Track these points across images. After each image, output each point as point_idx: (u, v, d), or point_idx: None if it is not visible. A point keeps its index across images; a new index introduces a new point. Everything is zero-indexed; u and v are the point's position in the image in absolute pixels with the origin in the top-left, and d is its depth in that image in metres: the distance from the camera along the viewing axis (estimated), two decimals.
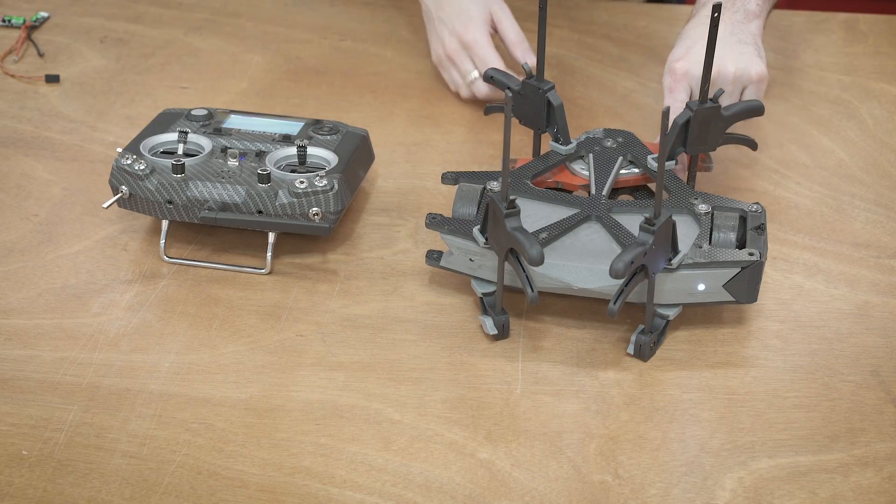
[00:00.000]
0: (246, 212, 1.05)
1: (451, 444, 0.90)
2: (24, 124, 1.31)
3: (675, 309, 0.98)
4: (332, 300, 1.04)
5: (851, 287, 1.07)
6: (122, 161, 1.07)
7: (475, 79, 1.32)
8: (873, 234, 1.14)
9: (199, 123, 1.15)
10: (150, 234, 1.12)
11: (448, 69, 1.35)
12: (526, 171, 1.07)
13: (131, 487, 0.85)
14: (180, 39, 1.50)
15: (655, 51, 1.49)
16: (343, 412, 0.92)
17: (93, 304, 1.03)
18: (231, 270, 1.08)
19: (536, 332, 1.01)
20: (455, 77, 1.35)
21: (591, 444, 0.90)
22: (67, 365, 0.96)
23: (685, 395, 0.95)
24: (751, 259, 0.96)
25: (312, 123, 1.16)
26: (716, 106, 1.05)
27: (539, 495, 0.85)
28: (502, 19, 1.32)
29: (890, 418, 0.93)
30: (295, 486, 0.86)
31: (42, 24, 1.52)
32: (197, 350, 0.98)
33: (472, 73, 1.32)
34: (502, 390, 0.95)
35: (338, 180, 1.06)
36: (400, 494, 0.85)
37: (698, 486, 0.86)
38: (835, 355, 0.99)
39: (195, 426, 0.90)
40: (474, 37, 1.30)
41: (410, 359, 0.98)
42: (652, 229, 0.90)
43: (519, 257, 0.94)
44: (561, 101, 1.09)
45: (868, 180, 1.23)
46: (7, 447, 0.88)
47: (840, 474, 0.87)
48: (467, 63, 1.32)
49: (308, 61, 1.44)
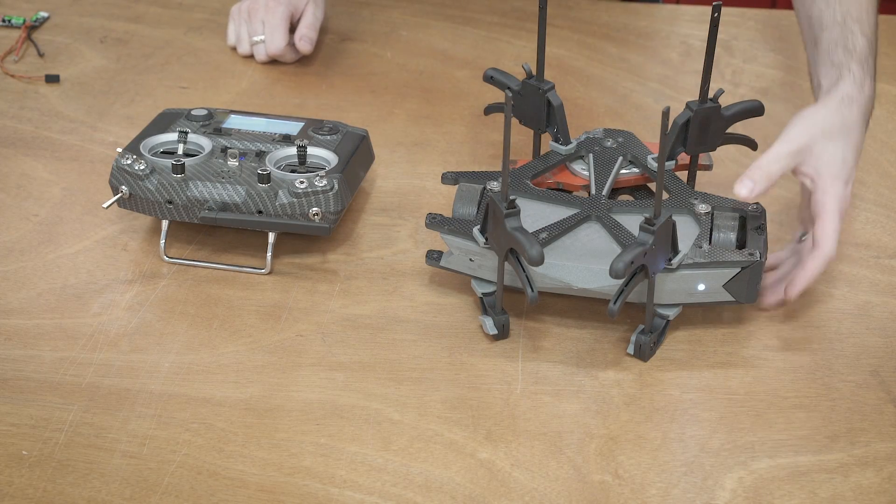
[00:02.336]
0: (246, 212, 1.05)
1: (451, 444, 0.90)
2: (24, 124, 1.30)
3: (675, 309, 0.98)
4: (332, 300, 1.04)
5: (851, 287, 1.07)
6: (122, 161, 1.07)
7: (259, 41, 1.42)
8: (873, 234, 1.14)
9: (199, 123, 1.15)
10: (150, 234, 1.12)
11: (239, 22, 1.44)
12: (526, 171, 1.07)
13: (131, 487, 0.85)
14: (180, 39, 1.50)
15: (655, 51, 1.49)
16: (343, 412, 0.92)
17: (93, 304, 1.03)
18: (231, 270, 1.08)
19: (536, 332, 1.01)
20: (242, 33, 1.43)
21: (591, 444, 0.90)
22: (67, 365, 0.96)
23: (685, 395, 0.95)
24: (751, 259, 0.96)
25: (312, 123, 1.16)
26: (716, 106, 1.05)
27: (539, 495, 0.85)
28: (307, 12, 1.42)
29: (890, 418, 0.93)
30: (295, 486, 0.86)
31: (42, 24, 1.52)
32: (197, 350, 0.98)
33: (260, 36, 1.41)
34: (502, 390, 0.95)
35: (338, 180, 1.06)
36: (400, 494, 0.85)
37: (698, 486, 0.86)
38: (835, 355, 0.99)
39: (195, 426, 0.90)
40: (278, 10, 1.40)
41: (410, 359, 0.98)
42: (652, 229, 0.90)
43: (519, 257, 0.94)
44: (561, 101, 1.09)
45: (868, 180, 1.23)
46: (7, 447, 0.88)
47: (840, 474, 0.87)
48: (259, 25, 1.41)
49: (308, 61, 1.44)
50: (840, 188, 0.98)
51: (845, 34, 1.04)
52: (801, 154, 0.98)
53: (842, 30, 1.04)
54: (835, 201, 0.97)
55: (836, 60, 1.03)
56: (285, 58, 1.42)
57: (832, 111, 1.00)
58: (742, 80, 1.42)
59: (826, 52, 1.04)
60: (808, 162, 0.98)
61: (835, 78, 1.03)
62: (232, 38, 1.46)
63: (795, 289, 0.97)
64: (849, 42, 1.03)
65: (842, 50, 1.03)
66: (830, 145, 0.99)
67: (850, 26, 1.04)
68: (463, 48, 1.49)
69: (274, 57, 1.41)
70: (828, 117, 1.00)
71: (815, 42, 1.06)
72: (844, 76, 1.02)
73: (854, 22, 1.05)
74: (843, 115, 1.00)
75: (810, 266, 0.97)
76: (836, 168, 0.98)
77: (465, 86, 1.40)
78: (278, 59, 1.42)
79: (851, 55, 1.03)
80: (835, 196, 0.97)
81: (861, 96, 1.02)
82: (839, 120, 0.99)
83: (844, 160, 0.99)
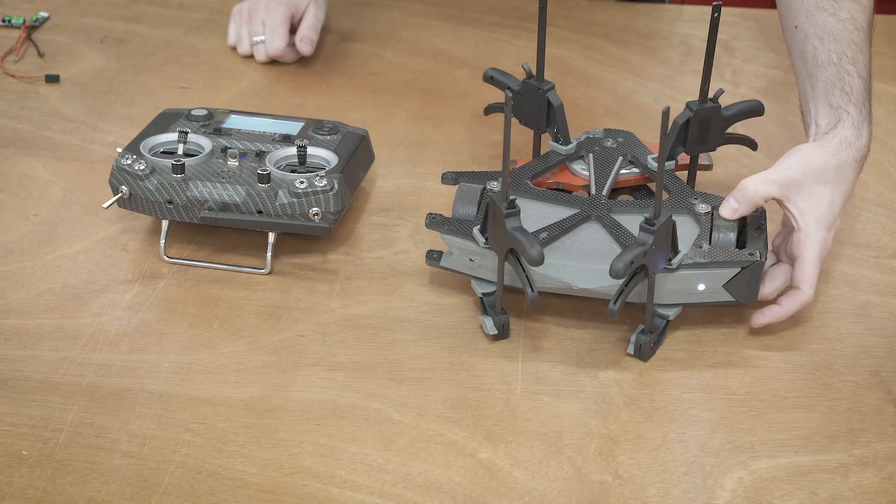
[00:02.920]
0: (246, 212, 1.05)
1: (451, 444, 0.90)
2: (24, 124, 1.30)
3: (676, 309, 0.98)
4: (332, 300, 1.04)
5: (851, 287, 1.07)
6: (122, 161, 1.07)
7: (259, 41, 1.42)
8: (873, 234, 1.14)
9: (199, 123, 1.15)
10: (150, 234, 1.12)
11: (239, 22, 1.44)
12: (526, 171, 1.07)
13: (131, 487, 0.85)
14: (180, 39, 1.50)
15: (655, 51, 1.49)
16: (343, 412, 0.92)
17: (93, 304, 1.03)
18: (231, 270, 1.08)
19: (536, 332, 1.01)
20: (242, 33, 1.44)
21: (591, 444, 0.90)
22: (67, 365, 0.96)
23: (685, 395, 0.95)
24: (751, 259, 0.96)
25: (312, 123, 1.16)
26: (716, 106, 1.05)
27: (539, 495, 0.85)
28: (308, 13, 1.41)
29: (890, 418, 0.93)
30: (295, 486, 0.86)
31: (42, 24, 1.52)
32: (197, 350, 0.98)
33: (261, 36, 1.41)
34: (502, 390, 0.95)
35: (338, 180, 1.06)
36: (400, 494, 0.85)
37: (698, 486, 0.86)
38: (835, 355, 0.99)
39: (195, 426, 0.90)
40: (278, 11, 1.40)
41: (410, 359, 0.98)
42: (652, 229, 0.90)
43: (519, 257, 0.94)
44: (561, 101, 1.09)
45: (868, 180, 1.23)
46: (7, 447, 0.88)
47: (840, 474, 0.87)
48: (259, 26, 1.42)
49: (308, 61, 1.44)
50: (823, 233, 0.98)
51: (841, 75, 1.04)
52: (790, 188, 0.99)
53: (838, 70, 1.04)
54: (816, 246, 0.98)
55: (834, 103, 1.03)
56: (285, 58, 1.42)
57: (829, 154, 1.00)
58: (742, 80, 1.42)
59: (823, 92, 1.04)
60: (795, 200, 0.99)
61: (834, 120, 1.03)
62: (232, 37, 1.46)
63: (764, 319, 0.99)
64: (846, 84, 1.04)
65: (839, 92, 1.03)
66: (820, 188, 0.99)
67: (846, 67, 1.04)
68: (463, 48, 1.49)
69: (274, 57, 1.42)
70: (824, 159, 1.00)
71: (811, 80, 1.06)
72: (843, 119, 1.02)
73: (850, 63, 1.05)
74: (840, 160, 1.00)
75: (787, 306, 0.99)
76: (821, 211, 0.99)
77: (465, 86, 1.40)
78: (278, 59, 1.42)
79: (849, 98, 1.03)
80: (817, 241, 0.98)
81: (858, 141, 1.02)
82: (835, 164, 1.00)
83: (831, 205, 0.99)
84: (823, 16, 1.06)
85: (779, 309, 0.99)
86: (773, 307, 0.99)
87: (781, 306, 0.99)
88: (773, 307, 0.99)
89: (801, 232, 0.98)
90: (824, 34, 1.06)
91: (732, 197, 0.99)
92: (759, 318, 0.99)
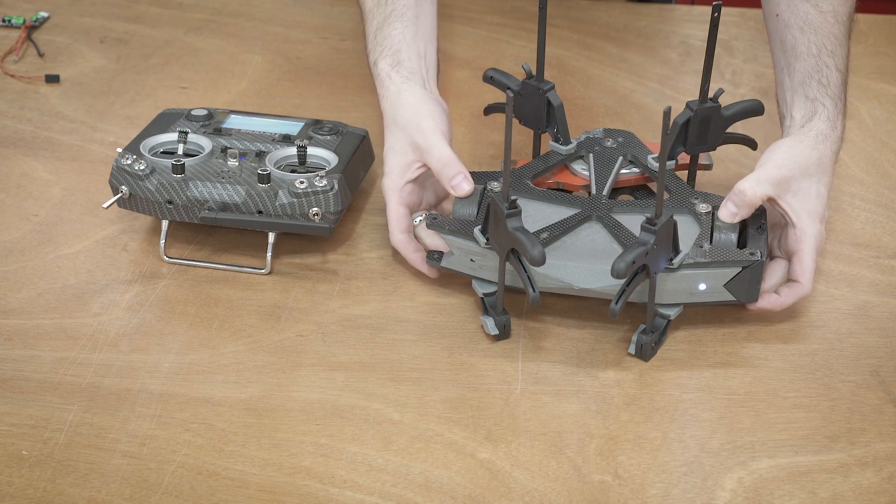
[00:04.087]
0: (246, 212, 1.05)
1: (451, 444, 0.89)
2: (24, 124, 1.30)
3: (677, 309, 0.98)
4: (332, 300, 1.04)
5: (851, 287, 1.07)
6: (122, 161, 1.07)
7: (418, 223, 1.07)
8: (873, 234, 1.14)
9: (199, 123, 1.15)
10: (150, 234, 1.12)
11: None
12: (526, 171, 1.07)
13: (131, 487, 0.85)
14: (180, 39, 1.50)
15: (655, 51, 1.49)
16: (343, 412, 0.92)
17: (93, 304, 1.03)
18: (231, 270, 1.08)
19: (537, 333, 1.01)
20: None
21: (591, 444, 0.90)
22: (67, 365, 0.96)
23: (685, 395, 0.95)
24: (752, 259, 0.96)
25: (312, 123, 1.16)
26: (716, 105, 1.05)
27: (539, 495, 0.85)
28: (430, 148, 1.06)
29: (890, 418, 0.93)
30: (295, 486, 0.86)
31: (42, 24, 1.52)
32: (197, 350, 0.98)
33: (417, 217, 1.08)
34: (502, 390, 0.95)
35: (338, 180, 1.06)
36: (400, 494, 0.85)
37: (698, 486, 0.86)
38: (835, 355, 0.99)
39: (195, 426, 0.90)
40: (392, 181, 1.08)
41: (410, 359, 0.98)
42: (653, 229, 0.90)
43: (520, 257, 0.94)
44: (561, 101, 1.09)
45: (868, 180, 1.23)
46: (7, 447, 0.88)
47: (840, 474, 0.87)
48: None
49: (308, 61, 1.44)
50: (817, 226, 0.99)
51: (820, 67, 1.04)
52: (781, 185, 0.99)
53: (816, 62, 1.04)
54: (812, 240, 0.99)
55: (811, 94, 1.04)
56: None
57: (809, 147, 1.00)
58: (742, 80, 1.42)
59: (800, 83, 1.05)
60: (786, 197, 0.99)
61: (809, 113, 1.03)
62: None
63: (762, 304, 0.99)
64: (823, 76, 1.04)
65: (816, 84, 1.03)
66: (806, 182, 1.00)
67: (824, 59, 1.04)
68: (463, 48, 1.49)
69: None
70: (805, 153, 1.00)
71: (789, 69, 1.06)
72: (819, 112, 1.03)
73: (829, 56, 1.05)
74: (820, 153, 1.00)
75: (786, 297, 1.00)
76: (811, 205, 0.99)
77: (465, 86, 1.40)
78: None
79: (826, 90, 1.03)
80: (812, 235, 0.99)
81: (833, 134, 1.02)
82: (816, 157, 1.00)
83: (819, 197, 1.00)
84: (805, 6, 1.06)
85: (777, 298, 0.99)
86: (772, 295, 1.00)
87: (781, 296, 0.99)
88: (773, 295, 1.00)
89: (797, 227, 0.99)
90: (805, 25, 1.06)
91: (730, 201, 0.99)
92: (757, 304, 0.99)
